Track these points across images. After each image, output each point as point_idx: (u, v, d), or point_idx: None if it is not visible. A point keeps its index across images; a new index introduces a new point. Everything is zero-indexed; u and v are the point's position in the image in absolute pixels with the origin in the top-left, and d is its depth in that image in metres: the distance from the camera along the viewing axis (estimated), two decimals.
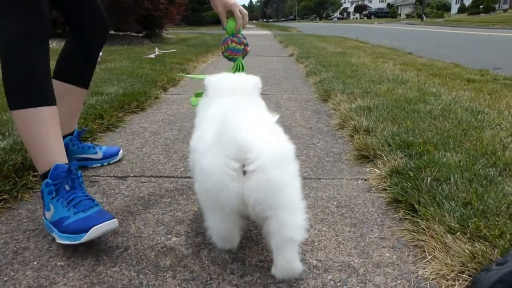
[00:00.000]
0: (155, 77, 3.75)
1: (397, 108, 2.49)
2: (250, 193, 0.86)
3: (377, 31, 19.77)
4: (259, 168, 0.85)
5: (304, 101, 3.18)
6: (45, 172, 1.24)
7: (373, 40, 9.64)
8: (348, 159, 1.90)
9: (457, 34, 15.30)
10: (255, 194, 0.86)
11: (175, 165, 1.82)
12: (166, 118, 2.65)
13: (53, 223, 1.19)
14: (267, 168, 0.85)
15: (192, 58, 5.70)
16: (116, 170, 1.75)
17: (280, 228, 0.89)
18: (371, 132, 2.08)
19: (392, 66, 4.60)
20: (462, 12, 45.26)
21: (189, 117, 2.68)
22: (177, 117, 2.69)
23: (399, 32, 18.35)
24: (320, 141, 2.18)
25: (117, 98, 2.80)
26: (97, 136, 2.18)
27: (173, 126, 2.47)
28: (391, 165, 1.64)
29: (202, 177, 0.93)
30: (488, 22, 24.82)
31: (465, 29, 19.63)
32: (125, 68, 4.35)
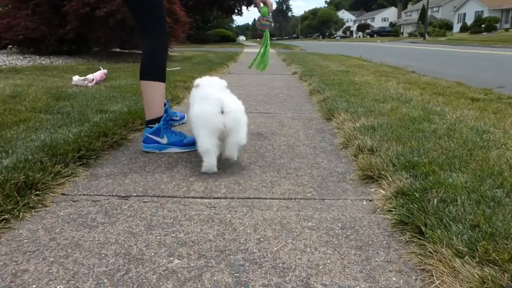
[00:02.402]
0: None
1: (402, 127, 2.48)
2: (226, 121, 1.84)
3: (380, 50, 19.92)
4: (230, 112, 1.85)
5: (308, 120, 3.17)
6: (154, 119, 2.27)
7: (376, 59, 9.70)
8: (353, 179, 1.88)
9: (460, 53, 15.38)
10: (228, 122, 1.84)
11: (178, 184, 1.81)
12: None
13: (171, 144, 2.29)
14: (234, 111, 1.87)
15: (196, 76, 5.73)
16: (119, 190, 1.74)
17: (235, 137, 1.89)
18: (375, 151, 2.06)
19: (396, 85, 4.61)
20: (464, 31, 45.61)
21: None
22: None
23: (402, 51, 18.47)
24: (324, 161, 2.17)
25: (121, 116, 2.81)
26: (101, 154, 2.18)
27: None
28: (396, 185, 1.62)
29: (202, 115, 1.88)
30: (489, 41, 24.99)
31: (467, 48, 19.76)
32: (129, 86, 4.38)
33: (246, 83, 5.53)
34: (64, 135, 2.24)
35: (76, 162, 1.97)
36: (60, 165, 1.84)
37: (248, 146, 2.42)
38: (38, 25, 7.69)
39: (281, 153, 2.29)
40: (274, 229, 1.41)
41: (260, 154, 2.27)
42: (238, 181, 1.86)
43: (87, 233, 1.37)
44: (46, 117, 2.75)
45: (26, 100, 3.36)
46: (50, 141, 2.10)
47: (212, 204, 1.61)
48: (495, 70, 8.49)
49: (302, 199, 1.66)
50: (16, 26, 7.64)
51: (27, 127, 2.45)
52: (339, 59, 10.00)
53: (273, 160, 2.17)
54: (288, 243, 1.32)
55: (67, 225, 1.42)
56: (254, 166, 2.07)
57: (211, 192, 1.72)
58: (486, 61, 10.91)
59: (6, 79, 4.82)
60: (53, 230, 1.39)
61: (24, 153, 1.90)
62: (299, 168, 2.04)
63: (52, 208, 1.56)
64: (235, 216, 1.50)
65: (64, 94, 3.74)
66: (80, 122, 2.61)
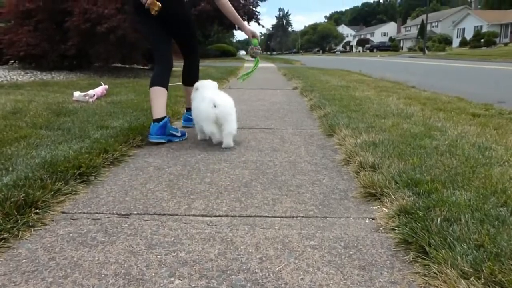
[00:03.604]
0: None
1: (403, 144, 2.48)
2: (218, 113, 2.61)
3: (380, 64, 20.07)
4: (220, 104, 2.62)
5: (309, 136, 3.18)
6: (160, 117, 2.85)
7: (376, 74, 9.77)
8: (355, 197, 1.88)
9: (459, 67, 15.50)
10: (220, 114, 2.62)
11: (178, 202, 1.80)
12: (170, 153, 2.66)
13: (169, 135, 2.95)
14: (224, 105, 2.64)
15: None
16: (119, 207, 1.73)
17: (228, 128, 2.66)
18: (377, 168, 2.06)
19: (396, 100, 4.63)
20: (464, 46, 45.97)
21: (194, 152, 2.68)
22: (181, 152, 2.69)
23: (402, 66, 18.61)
24: (326, 178, 2.16)
25: (122, 132, 2.82)
26: (101, 171, 2.18)
27: (177, 161, 2.47)
28: (399, 203, 1.61)
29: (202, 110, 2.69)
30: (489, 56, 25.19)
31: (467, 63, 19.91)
32: (130, 101, 4.40)
33: (247, 98, 5.56)
34: (64, 152, 2.24)
35: (76, 179, 1.96)
36: (60, 182, 1.84)
37: (249, 163, 2.43)
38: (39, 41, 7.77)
39: (283, 170, 2.29)
40: (276, 248, 1.40)
41: (262, 171, 2.27)
42: (240, 198, 1.85)
43: (86, 253, 1.36)
44: (46, 134, 2.75)
45: (27, 116, 3.37)
46: (51, 158, 2.11)
47: (214, 222, 1.60)
48: (496, 84, 8.54)
49: (304, 217, 1.65)
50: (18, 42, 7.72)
51: (27, 143, 2.46)
52: (340, 74, 10.07)
53: (275, 177, 2.17)
54: (290, 262, 1.31)
55: (67, 244, 1.41)
56: (256, 183, 2.06)
57: (212, 210, 1.72)
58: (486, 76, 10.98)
59: (7, 95, 4.85)
60: (53, 250, 1.38)
61: (24, 171, 1.90)
62: (301, 185, 2.04)
63: (51, 226, 1.55)
64: (236, 235, 1.49)
65: (65, 110, 3.76)
66: (80, 138, 2.62)
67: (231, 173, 2.24)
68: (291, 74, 9.93)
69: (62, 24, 7.65)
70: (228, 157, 2.56)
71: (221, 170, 2.29)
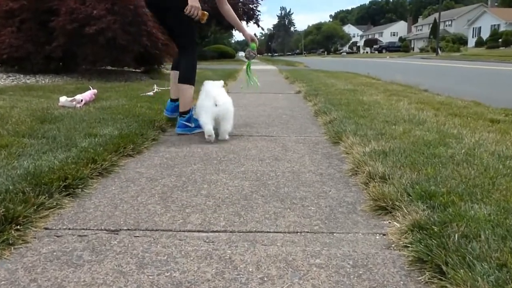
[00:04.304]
0: (153, 117, 3.78)
1: (416, 152, 2.47)
2: (218, 111, 3.13)
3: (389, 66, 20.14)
4: (222, 104, 3.13)
5: (313, 144, 3.18)
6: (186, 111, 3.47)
7: (385, 76, 9.79)
8: (364, 210, 1.87)
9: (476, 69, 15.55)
10: (220, 112, 3.14)
11: (173, 216, 1.79)
12: (164, 162, 2.65)
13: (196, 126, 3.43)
14: (224, 104, 3.16)
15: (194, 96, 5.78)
16: (108, 223, 1.72)
17: (224, 125, 3.22)
18: (388, 179, 2.05)
19: (407, 105, 4.63)
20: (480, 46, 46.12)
21: (189, 161, 2.67)
22: (176, 161, 2.68)
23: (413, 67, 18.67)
24: (332, 189, 2.15)
25: (112, 140, 2.81)
26: (89, 183, 2.16)
27: (172, 171, 2.46)
28: (412, 218, 1.60)
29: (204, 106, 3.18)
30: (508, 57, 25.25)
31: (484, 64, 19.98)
32: (121, 107, 4.39)
33: (246, 103, 5.56)
34: (49, 162, 2.23)
35: (61, 192, 1.95)
36: (44, 195, 1.83)
37: (249, 173, 2.42)
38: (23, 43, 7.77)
39: (285, 181, 2.28)
40: (278, 267, 1.39)
41: (262, 182, 2.26)
42: (239, 212, 1.84)
43: (71, 273, 1.34)
44: (30, 142, 2.75)
45: (9, 123, 3.36)
46: (34, 169, 2.09)
47: (211, 238, 1.59)
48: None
49: (308, 233, 1.64)
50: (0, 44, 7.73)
51: (9, 153, 2.44)
52: (346, 76, 10.10)
53: (277, 188, 2.16)
54: (294, 283, 1.29)
55: (50, 264, 1.40)
56: (256, 196, 2.05)
57: (209, 225, 1.70)
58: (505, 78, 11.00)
59: None
60: (34, 270, 1.36)
61: (5, 183, 1.89)
62: (305, 197, 2.03)
63: (33, 244, 1.54)
64: (235, 252, 1.48)
65: (50, 116, 3.76)
66: (67, 147, 2.61)
67: (229, 184, 2.23)
68: (294, 77, 9.95)
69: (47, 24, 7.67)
70: (226, 167, 2.56)
71: (219, 181, 2.28)
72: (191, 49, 3.56)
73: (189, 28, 3.46)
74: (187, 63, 3.53)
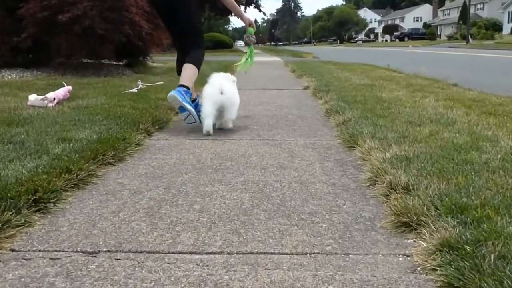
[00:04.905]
0: (138, 118, 3.79)
1: (444, 158, 2.47)
2: (223, 99, 3.57)
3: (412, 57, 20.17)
4: (226, 93, 3.57)
5: (325, 149, 3.18)
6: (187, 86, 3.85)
7: (408, 68, 9.80)
8: (384, 227, 1.86)
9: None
10: (225, 101, 3.58)
11: (161, 235, 1.79)
12: (150, 172, 2.65)
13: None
14: (229, 92, 3.61)
15: None
16: (85, 243, 1.72)
17: (227, 114, 3.68)
18: (412, 190, 2.05)
19: (434, 102, 4.64)
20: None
21: (179, 170, 2.67)
22: (164, 170, 2.68)
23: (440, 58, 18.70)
24: (347, 202, 2.15)
25: (90, 146, 2.82)
26: (62, 196, 2.16)
27: (159, 182, 2.46)
28: (441, 236, 1.60)
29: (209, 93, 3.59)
30: None
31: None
32: (100, 107, 4.41)
33: (246, 100, 5.56)
34: (16, 172, 2.23)
35: (30, 207, 1.95)
36: (10, 211, 1.83)
37: (250, 184, 2.42)
38: None
39: (292, 193, 2.28)
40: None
41: (265, 195, 2.26)
42: (238, 230, 1.84)
43: None
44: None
45: None
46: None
47: (205, 261, 1.59)
48: None
49: (320, 254, 1.64)
50: None
51: None
52: (362, 69, 10.12)
53: (282, 202, 2.16)
54: None
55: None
56: (258, 210, 2.05)
57: (204, 246, 1.70)
58: None
59: None
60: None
61: None
62: (315, 212, 2.03)
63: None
64: (234, 278, 1.48)
65: (17, 118, 3.77)
66: (37, 154, 2.62)
67: (227, 197, 2.23)
68: (302, 70, 9.98)
69: (15, 11, 7.69)
70: (223, 177, 2.56)
71: (215, 193, 2.28)
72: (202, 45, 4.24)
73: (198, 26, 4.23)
74: (198, 53, 4.11)
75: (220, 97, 3.52)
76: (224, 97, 3.54)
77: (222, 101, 3.54)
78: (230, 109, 3.63)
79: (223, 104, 3.56)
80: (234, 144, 3.33)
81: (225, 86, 3.57)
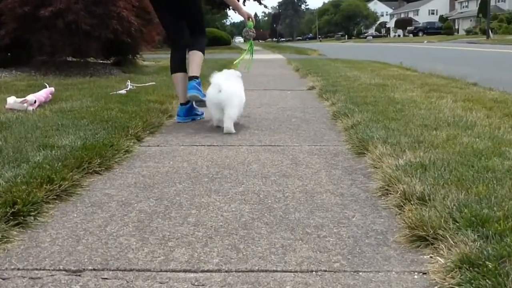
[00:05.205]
0: (127, 122, 3.79)
1: (463, 165, 2.47)
2: (220, 98, 3.84)
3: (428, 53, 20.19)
4: (225, 90, 3.83)
5: (332, 155, 3.18)
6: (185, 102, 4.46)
7: (423, 66, 9.81)
8: (397, 242, 1.86)
9: None
10: (224, 99, 3.84)
11: (152, 251, 1.78)
12: (140, 182, 2.65)
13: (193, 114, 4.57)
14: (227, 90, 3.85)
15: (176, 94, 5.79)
16: (68, 261, 1.71)
17: (228, 111, 3.86)
18: (428, 201, 2.05)
19: (452, 104, 4.64)
20: None
21: (173, 180, 2.67)
22: (156, 180, 2.68)
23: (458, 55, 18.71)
24: (356, 214, 2.15)
25: (74, 153, 2.81)
26: (43, 209, 2.16)
27: (150, 193, 2.46)
28: (460, 251, 1.59)
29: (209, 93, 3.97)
30: None
31: None
32: (85, 110, 4.41)
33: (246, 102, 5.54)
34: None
35: (8, 221, 1.95)
36: None
37: (250, 194, 2.41)
38: None
39: (296, 204, 2.28)
40: None
41: (267, 206, 2.26)
42: (237, 245, 1.84)
43: None
44: None
45: None
46: None
47: (200, 280, 1.59)
48: None
49: (327, 272, 1.64)
50: None
51: None
52: (373, 67, 10.13)
53: (285, 214, 2.16)
54: None
55: None
56: (259, 224, 2.05)
57: (199, 263, 1.70)
58: None
59: None
60: None
61: None
62: (322, 225, 2.02)
63: None
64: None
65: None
66: (16, 162, 2.62)
67: (224, 209, 2.23)
68: (306, 68, 9.99)
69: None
70: (220, 187, 2.56)
71: (211, 205, 2.28)
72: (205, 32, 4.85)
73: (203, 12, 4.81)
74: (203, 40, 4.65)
75: (218, 95, 3.80)
76: (221, 96, 3.79)
77: (220, 99, 3.82)
78: (230, 104, 3.83)
79: (221, 103, 3.83)
80: (233, 151, 3.33)
81: (224, 85, 3.82)
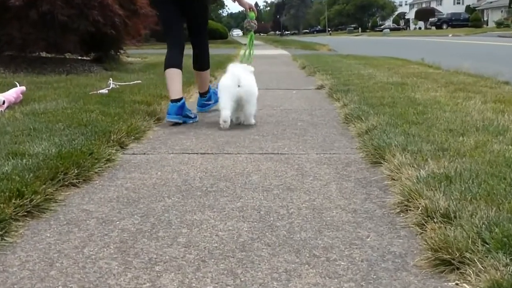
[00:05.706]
0: (108, 127, 3.79)
1: (494, 177, 2.47)
2: (242, 93, 4.27)
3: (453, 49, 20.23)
4: (244, 86, 4.30)
5: (343, 165, 3.18)
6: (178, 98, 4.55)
7: (447, 63, 9.83)
8: (419, 266, 1.85)
9: None
10: (243, 94, 4.29)
11: (136, 277, 1.78)
12: (123, 195, 2.65)
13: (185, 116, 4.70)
14: (247, 85, 4.35)
15: (166, 93, 5.79)
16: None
17: (248, 108, 4.43)
18: (453, 218, 2.04)
19: (481, 105, 4.64)
20: None
21: (161, 193, 2.67)
22: (141, 194, 2.68)
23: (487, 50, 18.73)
24: (371, 234, 2.14)
25: (47, 163, 2.81)
26: (12, 227, 2.15)
27: (135, 209, 2.46)
28: (490, 277, 1.59)
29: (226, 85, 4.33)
30: None
31: None
32: (61, 112, 4.42)
33: None
34: None
35: None
36: None
37: (249, 210, 2.41)
38: None
39: (302, 222, 2.27)
40: None
41: (269, 224, 2.25)
42: (234, 270, 1.83)
43: None
44: None
45: None
46: None
47: None
48: None
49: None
50: None
51: None
52: (390, 64, 10.15)
53: (289, 233, 2.15)
54: None
55: None
56: (259, 244, 2.04)
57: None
58: None
59: None
60: None
61: None
62: (331, 247, 2.02)
63: None
64: None
65: None
66: None
67: (220, 227, 2.22)
68: (314, 65, 10.01)
69: None
70: (215, 201, 2.55)
71: (205, 222, 2.28)
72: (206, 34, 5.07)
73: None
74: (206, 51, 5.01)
75: (237, 90, 4.16)
76: (242, 90, 4.19)
77: (240, 94, 4.19)
78: (250, 102, 4.31)
79: (241, 98, 4.20)
80: (230, 160, 3.33)
81: (243, 79, 4.22)
